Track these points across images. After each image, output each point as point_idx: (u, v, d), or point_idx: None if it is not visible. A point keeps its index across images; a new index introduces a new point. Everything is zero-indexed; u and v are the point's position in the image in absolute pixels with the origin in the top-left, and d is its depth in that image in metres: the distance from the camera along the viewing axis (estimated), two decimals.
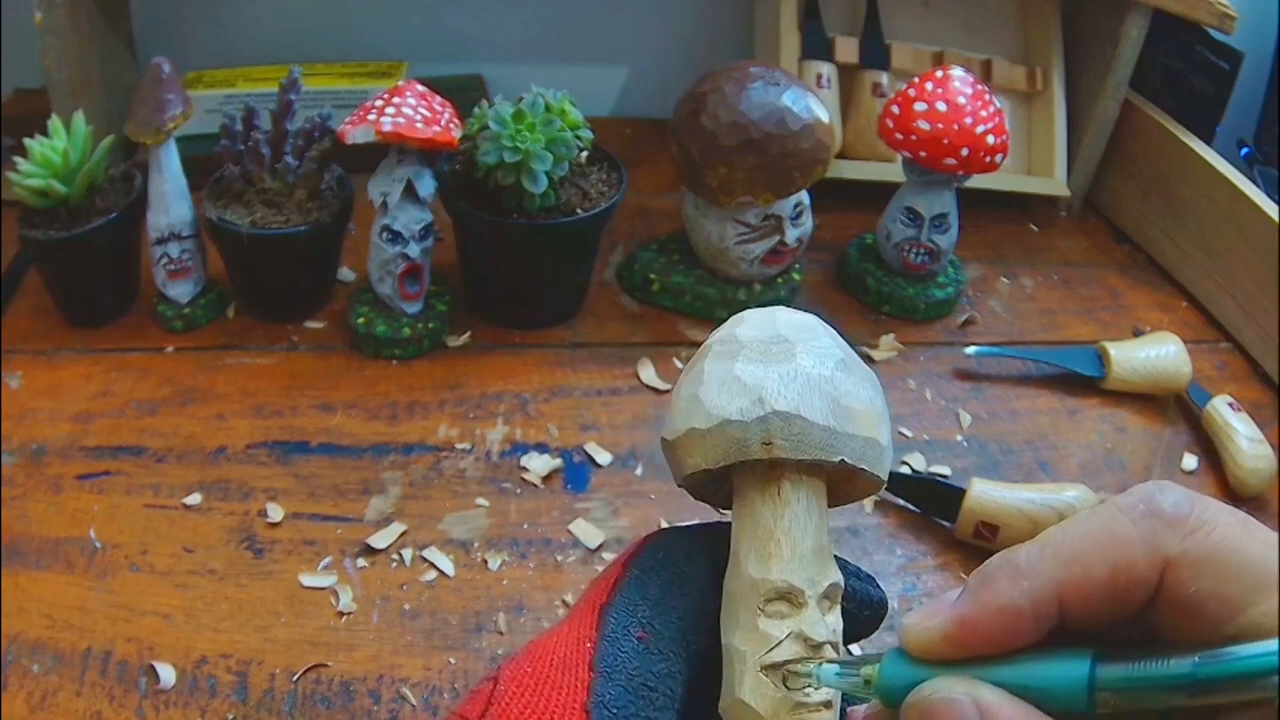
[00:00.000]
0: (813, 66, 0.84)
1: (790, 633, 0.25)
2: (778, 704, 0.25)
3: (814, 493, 0.26)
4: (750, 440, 0.25)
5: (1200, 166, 0.78)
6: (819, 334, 0.27)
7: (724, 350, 0.27)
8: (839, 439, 0.25)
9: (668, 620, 0.26)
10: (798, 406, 0.25)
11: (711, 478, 0.27)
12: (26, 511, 0.54)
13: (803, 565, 0.26)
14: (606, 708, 0.24)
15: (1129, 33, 0.80)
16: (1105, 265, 0.84)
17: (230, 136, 0.65)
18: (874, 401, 0.27)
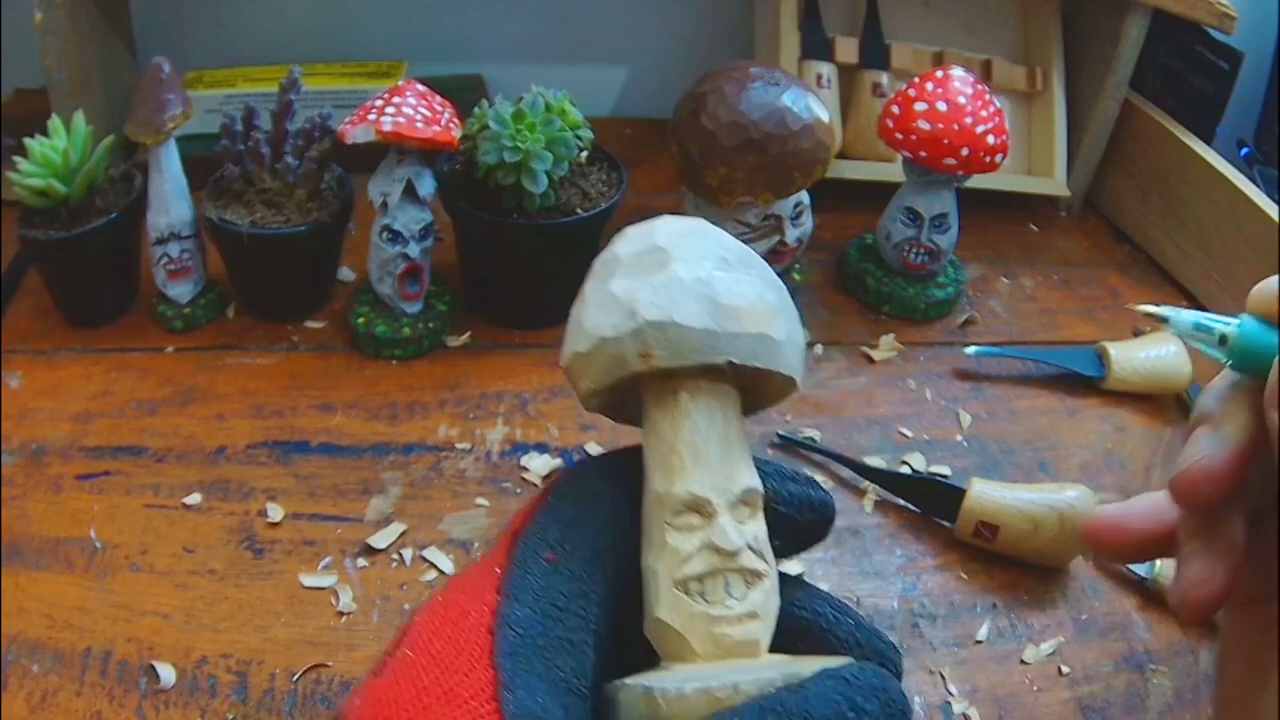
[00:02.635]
0: (813, 66, 0.84)
1: (701, 545, 0.24)
2: (695, 618, 0.24)
3: (717, 399, 0.25)
4: (628, 355, 0.25)
5: (1200, 166, 0.78)
6: (699, 237, 0.26)
7: (603, 269, 0.27)
8: (720, 339, 0.24)
9: (579, 542, 0.25)
10: (670, 313, 0.24)
11: (620, 398, 0.27)
12: (26, 511, 0.54)
13: (708, 474, 0.25)
14: (512, 628, 0.23)
15: (1129, 33, 0.80)
16: (1105, 265, 0.84)
17: (230, 136, 0.65)
18: (764, 296, 0.26)
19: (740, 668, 0.24)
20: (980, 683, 0.50)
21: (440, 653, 0.23)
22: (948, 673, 0.50)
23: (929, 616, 0.53)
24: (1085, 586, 0.55)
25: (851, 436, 0.64)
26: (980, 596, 0.54)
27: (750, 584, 0.25)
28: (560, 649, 0.24)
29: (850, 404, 0.67)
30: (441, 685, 0.22)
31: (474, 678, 0.22)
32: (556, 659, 0.23)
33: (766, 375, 0.26)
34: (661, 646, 0.25)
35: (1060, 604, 0.54)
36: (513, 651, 0.23)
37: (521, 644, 0.23)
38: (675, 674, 0.24)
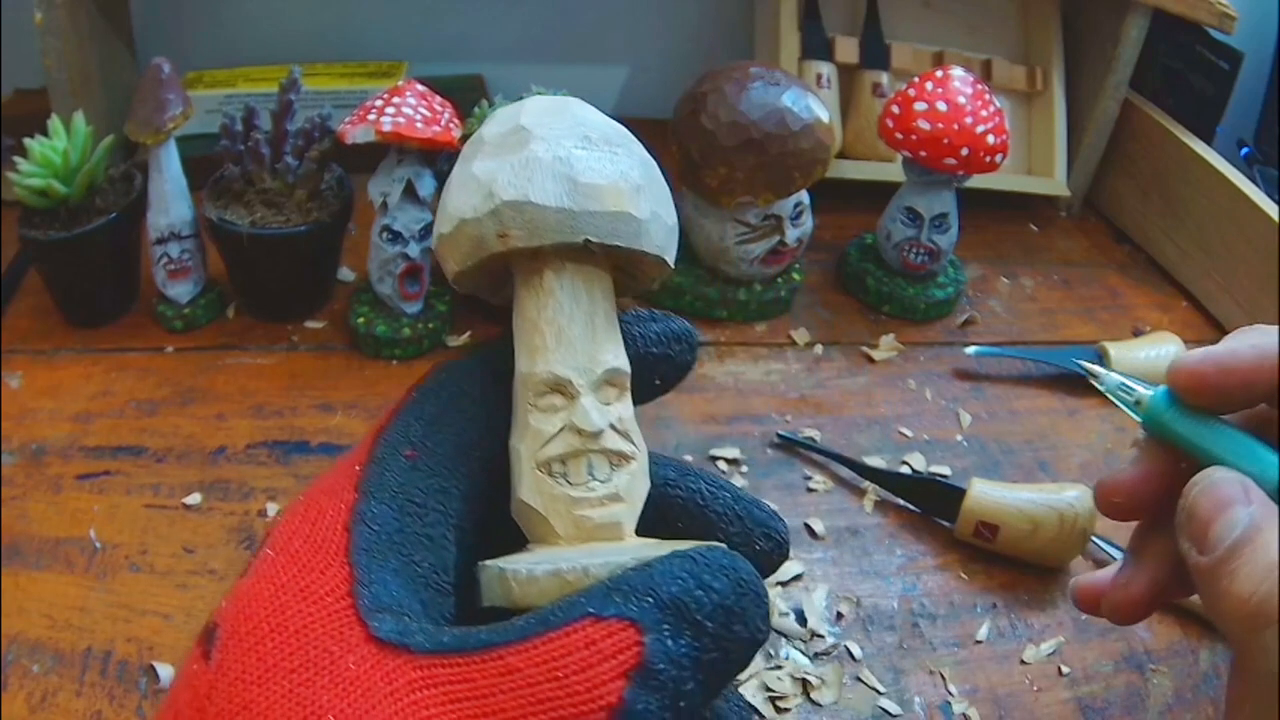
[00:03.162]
0: (813, 66, 0.84)
1: (563, 426, 0.24)
2: (556, 499, 0.24)
3: (583, 279, 0.25)
4: (486, 235, 0.24)
5: (1200, 166, 0.78)
6: (562, 115, 0.26)
7: (469, 151, 0.26)
8: (578, 218, 0.24)
9: (442, 438, 0.25)
10: (525, 192, 0.24)
11: (491, 279, 0.27)
12: (26, 511, 0.54)
13: (570, 354, 0.25)
14: (367, 524, 0.23)
15: (1129, 33, 0.80)
16: (1105, 265, 0.84)
17: (230, 136, 0.65)
18: (627, 175, 0.25)
19: (597, 551, 0.24)
20: (980, 683, 0.50)
21: (298, 551, 0.23)
22: (948, 673, 0.50)
23: (929, 616, 0.53)
24: None
25: (851, 436, 0.64)
26: (980, 596, 0.54)
27: (615, 466, 0.25)
28: (418, 544, 0.23)
29: (850, 404, 0.67)
30: (298, 583, 0.22)
31: (329, 574, 0.22)
32: (414, 554, 0.23)
33: (636, 256, 0.25)
34: (526, 527, 0.25)
35: (1060, 604, 0.54)
36: (368, 547, 0.23)
37: (377, 540, 0.23)
38: (532, 556, 0.24)
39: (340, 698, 0.20)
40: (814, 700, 0.48)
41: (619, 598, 0.21)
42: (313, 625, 0.21)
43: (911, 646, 0.51)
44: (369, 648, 0.21)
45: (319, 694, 0.20)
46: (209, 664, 0.22)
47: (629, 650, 0.20)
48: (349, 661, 0.21)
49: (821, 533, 0.57)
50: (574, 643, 0.20)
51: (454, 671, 0.21)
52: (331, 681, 0.20)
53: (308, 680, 0.21)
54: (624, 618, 0.21)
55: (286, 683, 0.21)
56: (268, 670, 0.21)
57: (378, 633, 0.21)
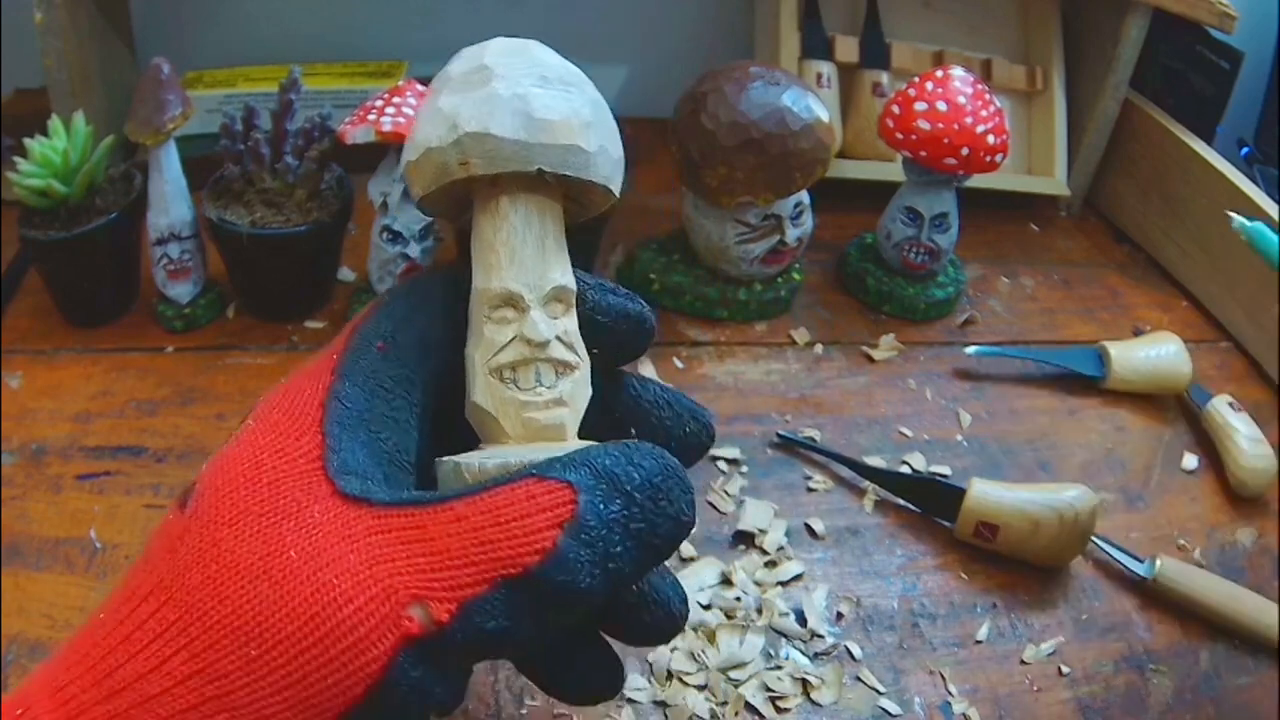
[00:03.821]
0: (813, 66, 0.84)
1: (514, 336, 0.27)
2: (506, 402, 0.27)
3: (535, 206, 0.28)
4: (449, 162, 0.27)
5: (1200, 166, 0.78)
6: (522, 56, 0.28)
7: (436, 86, 0.29)
8: (532, 149, 0.27)
9: (409, 334, 0.28)
10: (486, 125, 0.26)
11: (453, 204, 0.29)
12: (26, 511, 0.54)
13: (522, 272, 0.27)
14: (341, 401, 0.26)
15: (1129, 33, 0.80)
16: (1105, 265, 0.84)
17: (230, 136, 0.65)
18: (579, 111, 0.28)
19: (541, 449, 0.26)
20: (980, 683, 0.50)
21: (277, 422, 0.26)
22: (948, 673, 0.50)
23: (929, 616, 0.53)
24: (1085, 586, 0.55)
25: (851, 436, 0.64)
26: (980, 596, 0.54)
27: (560, 374, 0.27)
28: (384, 423, 0.26)
29: (850, 404, 0.67)
30: (275, 446, 0.25)
31: (304, 441, 0.25)
32: (381, 431, 0.26)
33: (585, 185, 0.28)
34: (479, 429, 0.28)
35: (1060, 604, 0.54)
36: (340, 420, 0.25)
37: (348, 415, 0.26)
38: (484, 453, 0.26)
39: (303, 538, 0.22)
40: (814, 700, 0.48)
41: (559, 466, 0.24)
42: (284, 480, 0.24)
43: (911, 646, 0.51)
44: (334, 500, 0.23)
45: (284, 534, 0.22)
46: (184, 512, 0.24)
47: (565, 506, 0.23)
48: (314, 510, 0.23)
49: (821, 533, 0.57)
50: (516, 496, 0.23)
51: (408, 519, 0.23)
52: (296, 525, 0.23)
53: (275, 524, 0.23)
54: (562, 480, 0.23)
55: (255, 525, 0.23)
56: (238, 514, 0.23)
57: (344, 489, 0.24)
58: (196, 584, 0.22)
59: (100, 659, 0.22)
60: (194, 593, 0.22)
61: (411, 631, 0.22)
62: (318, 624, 0.21)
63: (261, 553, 0.22)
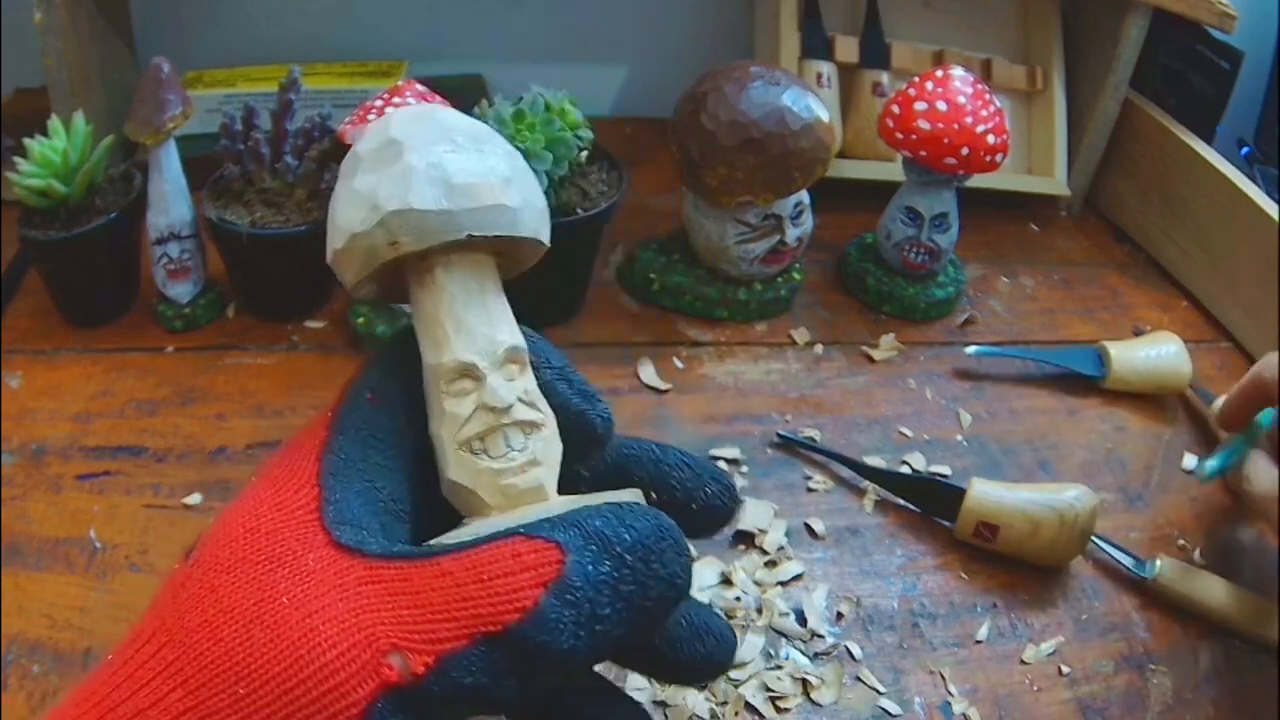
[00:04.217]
0: (813, 66, 0.84)
1: (476, 406, 0.27)
2: (481, 474, 0.26)
3: (471, 269, 0.27)
4: (377, 244, 0.26)
5: (1200, 166, 0.78)
6: (429, 123, 0.28)
7: (347, 169, 0.28)
8: (458, 216, 0.26)
9: (395, 384, 0.29)
10: (407, 200, 0.26)
11: (387, 282, 0.29)
12: (26, 511, 0.54)
13: (471, 341, 0.27)
14: (335, 454, 0.27)
15: (1129, 32, 0.80)
16: (1105, 265, 0.84)
17: (230, 136, 0.65)
18: (495, 168, 0.27)
19: (528, 513, 0.26)
20: (980, 683, 0.50)
21: (277, 478, 0.27)
22: (948, 673, 0.50)
23: (929, 616, 0.53)
24: (1085, 586, 0.55)
25: (851, 436, 0.64)
26: (980, 596, 0.54)
27: (528, 434, 0.27)
28: (378, 472, 0.27)
29: (850, 404, 0.67)
30: (274, 499, 0.26)
31: (301, 494, 0.26)
32: (376, 480, 0.27)
33: (514, 241, 0.28)
34: (459, 504, 0.27)
35: (1060, 604, 0.54)
36: (335, 472, 0.26)
37: (343, 467, 0.26)
38: (469, 529, 0.26)
39: (296, 585, 0.23)
40: (814, 700, 0.48)
41: (548, 526, 0.24)
42: (281, 530, 0.25)
43: (911, 646, 0.51)
44: (328, 549, 0.24)
45: (278, 581, 0.23)
46: (187, 563, 0.25)
47: (551, 566, 0.23)
48: (309, 558, 0.24)
49: (821, 533, 0.57)
50: (502, 553, 0.23)
51: (396, 571, 0.24)
52: (291, 572, 0.23)
53: (270, 570, 0.24)
54: (550, 540, 0.23)
55: (252, 571, 0.24)
56: (236, 562, 0.24)
57: (338, 538, 0.24)
58: (194, 626, 0.23)
59: (105, 695, 0.23)
60: (192, 634, 0.23)
61: (390, 680, 0.22)
62: (302, 666, 0.22)
63: (256, 598, 0.23)
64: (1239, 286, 0.75)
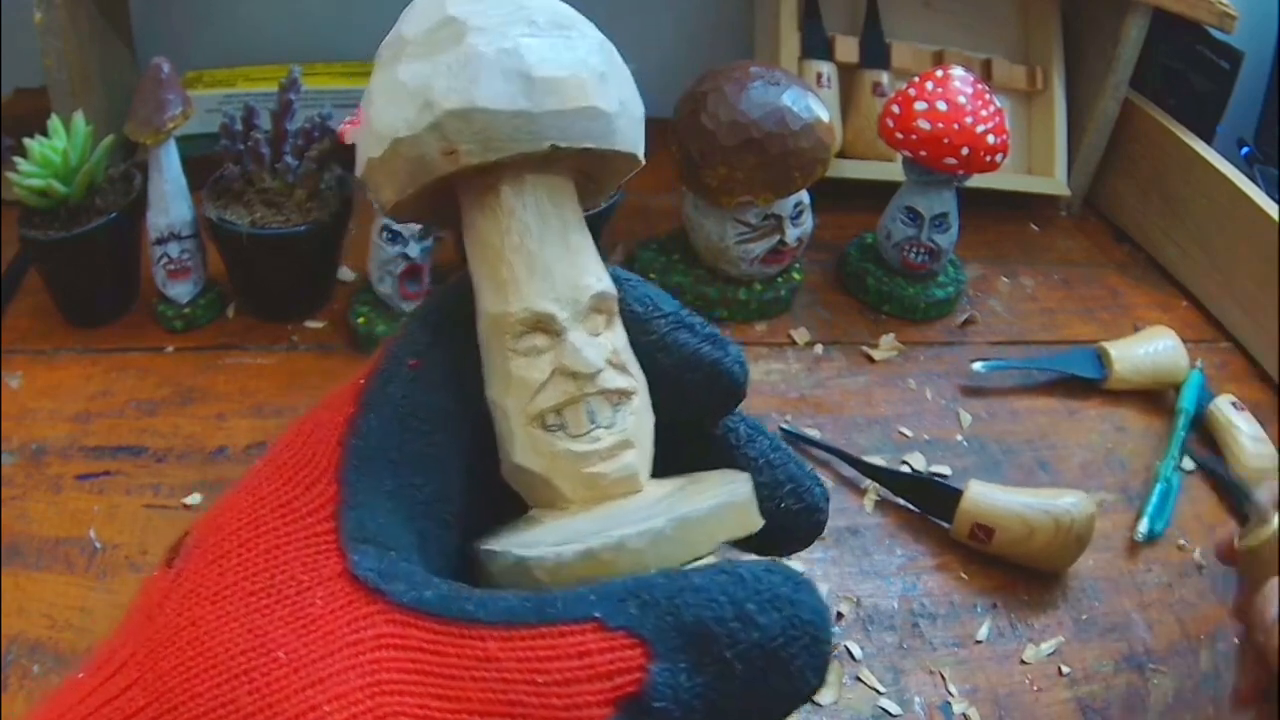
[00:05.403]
0: (813, 66, 0.84)
1: (553, 370, 0.20)
2: (559, 458, 0.20)
3: (545, 192, 0.21)
4: (429, 154, 0.20)
5: (1200, 166, 0.78)
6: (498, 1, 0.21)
7: (388, 54, 0.21)
8: (539, 121, 0.20)
9: (449, 348, 0.22)
10: (472, 98, 0.20)
11: (432, 201, 0.22)
12: (26, 511, 0.54)
13: (547, 284, 0.20)
14: (363, 438, 0.20)
15: (1129, 33, 0.80)
16: (1105, 265, 0.84)
17: (230, 136, 0.65)
18: (587, 61, 0.21)
19: (622, 514, 0.20)
20: (980, 683, 0.50)
21: (286, 464, 0.20)
22: (948, 673, 0.50)
23: (929, 616, 0.53)
24: (1085, 586, 0.55)
25: (851, 436, 0.64)
26: (980, 596, 0.54)
27: (617, 406, 0.21)
28: (419, 465, 0.20)
29: (850, 404, 0.67)
30: (279, 497, 0.20)
31: (315, 492, 0.20)
32: (414, 477, 0.20)
33: (603, 155, 0.22)
34: (526, 494, 0.21)
35: (1060, 604, 0.54)
36: (361, 465, 0.20)
37: (373, 457, 0.20)
38: (547, 530, 0.20)
39: (296, 635, 0.18)
40: (814, 700, 0.48)
41: (635, 606, 0.17)
42: (285, 546, 0.19)
43: (911, 646, 0.51)
44: (341, 584, 0.18)
45: (275, 626, 0.18)
46: (170, 570, 0.20)
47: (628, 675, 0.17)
48: (316, 596, 0.18)
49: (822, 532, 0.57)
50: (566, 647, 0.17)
51: (427, 638, 0.18)
52: (291, 615, 0.18)
53: (265, 608, 0.18)
54: (634, 633, 0.17)
55: (242, 605, 0.18)
56: (226, 587, 0.19)
57: (356, 568, 0.19)
58: (169, 670, 0.18)
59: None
60: (165, 679, 0.18)
61: None
62: None
63: (245, 646, 0.18)
64: (1239, 286, 0.75)
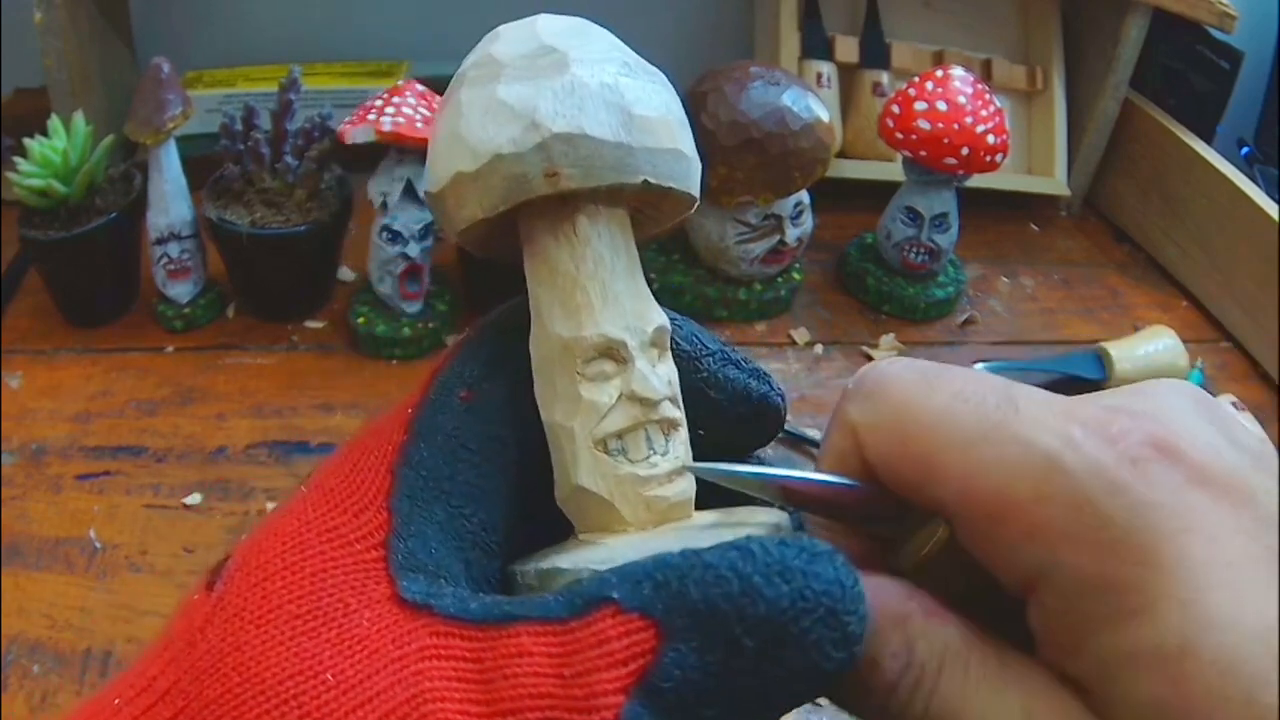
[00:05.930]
0: (813, 66, 0.84)
1: (620, 395, 0.21)
2: (623, 482, 0.21)
3: (616, 225, 0.22)
4: (531, 173, 0.21)
5: (1200, 166, 0.78)
6: (592, 36, 0.22)
7: (481, 74, 0.22)
8: (636, 155, 0.21)
9: (499, 381, 0.22)
10: (580, 124, 0.20)
11: (493, 228, 0.22)
12: (26, 511, 0.54)
13: (618, 313, 0.21)
14: (414, 468, 0.21)
15: (1129, 32, 0.80)
16: (1105, 265, 0.84)
17: (230, 136, 0.65)
18: (670, 107, 0.22)
19: (682, 537, 0.21)
20: None
21: (334, 489, 0.21)
22: None
23: None
24: None
25: None
26: None
27: (669, 435, 0.22)
28: (468, 495, 0.21)
29: None
30: (327, 522, 0.20)
31: (365, 518, 0.20)
32: (464, 506, 0.21)
33: (666, 196, 0.23)
34: (581, 517, 0.22)
35: None
36: (412, 494, 0.20)
37: (424, 486, 0.21)
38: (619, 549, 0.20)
39: (344, 658, 0.18)
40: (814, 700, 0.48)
41: (649, 587, 0.18)
42: (332, 570, 0.19)
43: None
44: (389, 606, 0.19)
45: (321, 648, 0.18)
46: (211, 594, 0.20)
47: (642, 659, 0.17)
48: (363, 618, 0.19)
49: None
50: (588, 637, 0.18)
51: (467, 646, 0.18)
52: (339, 637, 0.18)
53: (312, 630, 0.18)
54: (646, 615, 0.17)
55: (288, 628, 0.19)
56: (271, 610, 0.19)
57: (405, 593, 0.19)
58: (215, 698, 0.18)
59: None
60: (212, 708, 0.18)
61: None
62: None
63: (293, 670, 0.18)
64: (1239, 286, 0.75)
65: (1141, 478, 0.18)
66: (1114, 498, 0.17)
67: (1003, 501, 0.18)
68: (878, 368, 0.21)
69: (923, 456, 0.19)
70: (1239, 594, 0.16)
